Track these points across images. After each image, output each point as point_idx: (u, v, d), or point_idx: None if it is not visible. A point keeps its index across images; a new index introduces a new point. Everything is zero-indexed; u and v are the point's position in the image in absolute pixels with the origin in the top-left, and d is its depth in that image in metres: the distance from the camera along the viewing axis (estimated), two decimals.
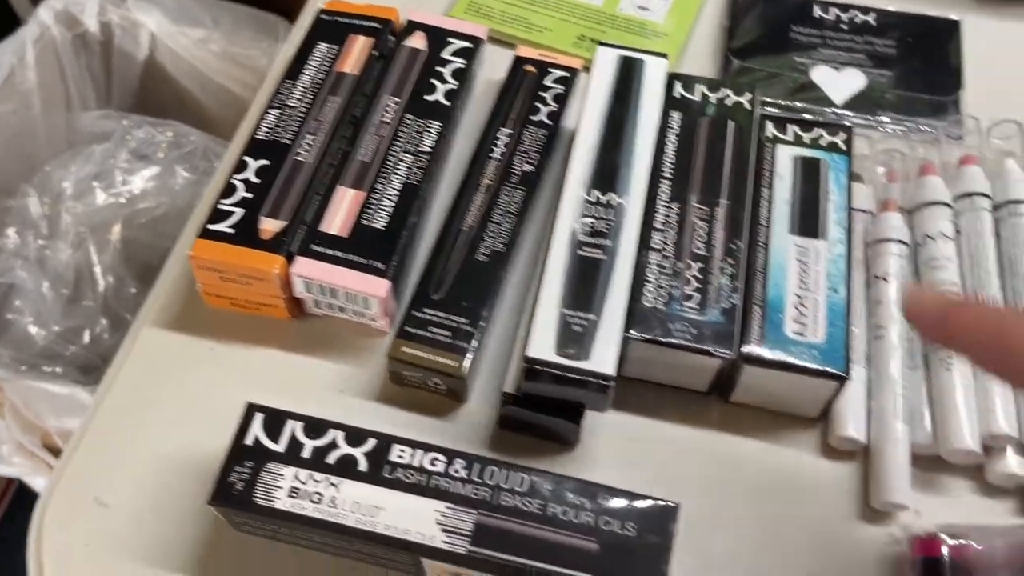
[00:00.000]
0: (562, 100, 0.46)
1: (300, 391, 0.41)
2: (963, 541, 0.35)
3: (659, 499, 0.34)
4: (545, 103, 0.46)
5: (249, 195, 0.41)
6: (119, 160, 0.68)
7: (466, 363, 0.38)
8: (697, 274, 0.39)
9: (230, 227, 0.40)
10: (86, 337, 0.73)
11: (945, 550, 0.35)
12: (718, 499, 0.38)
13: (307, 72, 0.45)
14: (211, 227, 0.40)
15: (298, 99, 0.44)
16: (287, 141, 0.43)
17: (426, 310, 0.39)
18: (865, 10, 0.53)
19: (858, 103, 0.50)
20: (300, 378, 0.41)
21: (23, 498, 0.96)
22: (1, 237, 0.67)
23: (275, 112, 0.44)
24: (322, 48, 0.46)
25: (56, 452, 0.73)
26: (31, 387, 0.63)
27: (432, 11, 0.52)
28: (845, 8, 0.53)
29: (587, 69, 0.45)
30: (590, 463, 0.39)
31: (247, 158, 0.42)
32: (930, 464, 0.39)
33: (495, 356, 0.42)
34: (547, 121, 0.45)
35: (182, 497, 0.38)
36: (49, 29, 0.84)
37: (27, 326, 0.68)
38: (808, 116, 0.49)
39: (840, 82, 0.51)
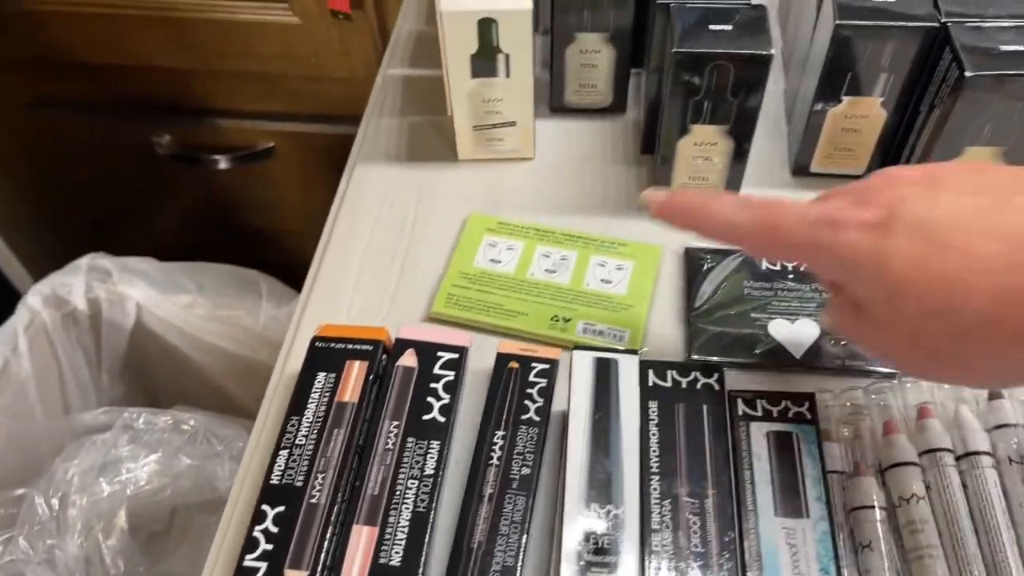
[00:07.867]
0: (546, 394, 0.50)
1: None
2: None
3: None
4: (532, 399, 0.50)
5: (270, 546, 0.43)
6: (120, 449, 0.70)
7: None
8: (699, 573, 0.42)
9: None
10: None
11: None
12: None
13: (310, 406, 0.48)
14: None
15: (304, 435, 0.47)
16: (299, 484, 0.45)
17: None
18: None
19: (814, 353, 0.54)
20: None
21: None
22: (11, 544, 0.69)
23: (284, 453, 0.47)
24: (321, 378, 0.49)
25: None
26: None
27: (413, 311, 0.57)
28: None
29: (567, 349, 0.49)
30: None
31: (265, 506, 0.45)
32: None
33: None
34: (536, 418, 0.49)
35: None
36: (39, 314, 0.88)
37: None
38: (772, 390, 0.53)
39: (795, 334, 0.55)
